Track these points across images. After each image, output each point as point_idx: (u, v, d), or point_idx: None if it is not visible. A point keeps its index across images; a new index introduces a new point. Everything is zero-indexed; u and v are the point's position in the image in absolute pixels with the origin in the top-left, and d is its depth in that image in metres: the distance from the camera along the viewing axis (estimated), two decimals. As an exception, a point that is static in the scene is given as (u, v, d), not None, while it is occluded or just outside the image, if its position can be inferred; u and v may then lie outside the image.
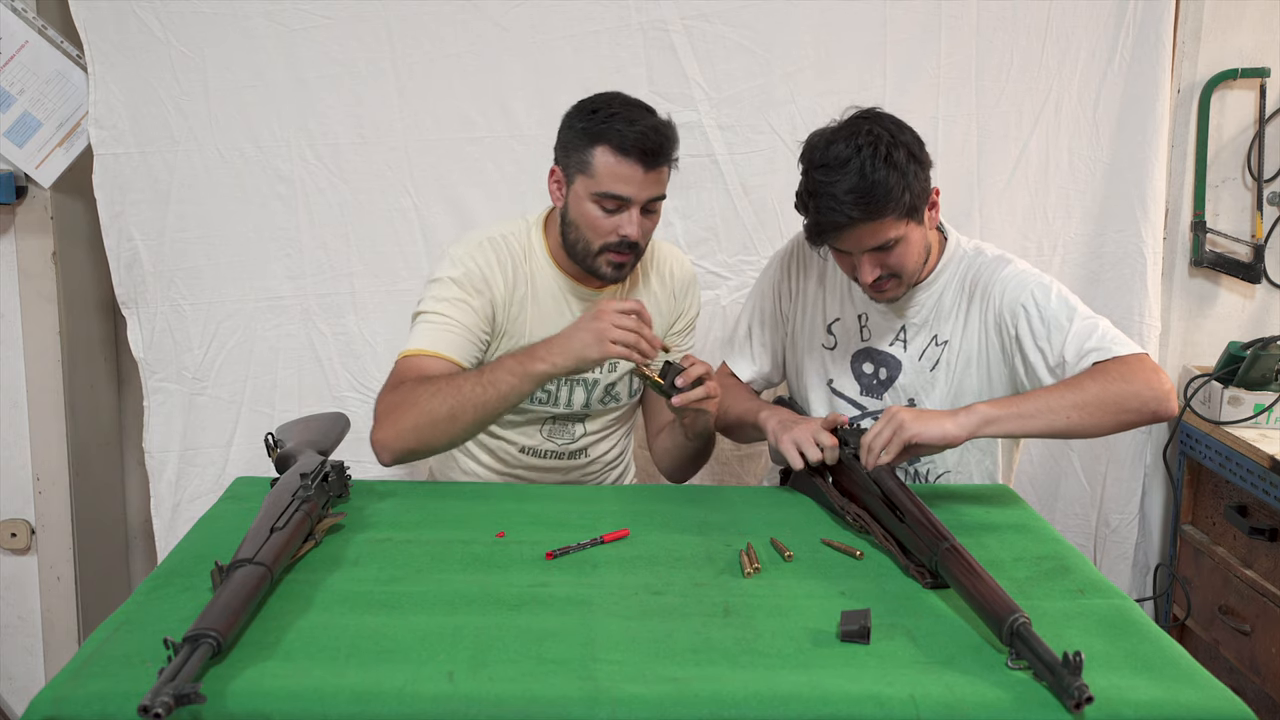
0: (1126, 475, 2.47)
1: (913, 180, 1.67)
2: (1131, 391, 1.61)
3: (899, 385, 1.87)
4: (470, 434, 1.73)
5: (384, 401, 1.71)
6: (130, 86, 2.25)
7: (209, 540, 1.47)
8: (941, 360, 1.84)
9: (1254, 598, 2.14)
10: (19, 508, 2.42)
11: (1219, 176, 2.45)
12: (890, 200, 1.65)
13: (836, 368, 1.92)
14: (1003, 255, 1.84)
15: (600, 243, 1.77)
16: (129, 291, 2.33)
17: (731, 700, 1.10)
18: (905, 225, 1.70)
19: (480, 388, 1.67)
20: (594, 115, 1.74)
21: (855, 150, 1.65)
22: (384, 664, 1.15)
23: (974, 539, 1.49)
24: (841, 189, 1.64)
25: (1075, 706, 1.08)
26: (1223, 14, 2.38)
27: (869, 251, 1.71)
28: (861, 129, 1.67)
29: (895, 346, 1.87)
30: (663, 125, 1.75)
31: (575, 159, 1.76)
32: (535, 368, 1.67)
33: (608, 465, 2.02)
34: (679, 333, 2.00)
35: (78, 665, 1.14)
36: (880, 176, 1.63)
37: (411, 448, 1.69)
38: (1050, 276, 1.80)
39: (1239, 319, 2.50)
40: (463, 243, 1.86)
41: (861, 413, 1.90)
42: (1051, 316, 1.72)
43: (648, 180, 1.73)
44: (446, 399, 1.66)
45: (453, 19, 2.28)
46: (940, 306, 1.85)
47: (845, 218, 1.65)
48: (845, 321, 1.91)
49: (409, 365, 1.75)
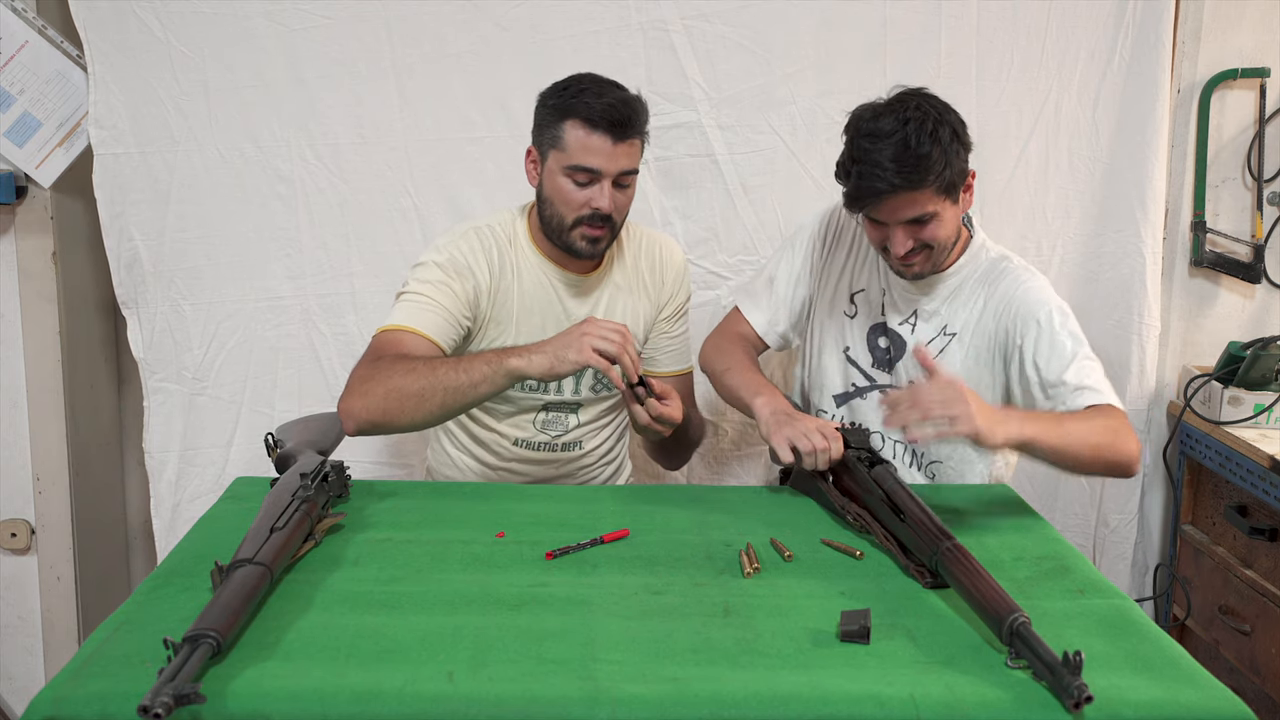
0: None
1: (954, 158, 1.71)
2: (1124, 450, 1.66)
3: (901, 366, 1.89)
4: (437, 417, 1.71)
5: (357, 373, 1.72)
6: (130, 86, 2.25)
7: (209, 540, 1.47)
8: (946, 351, 1.85)
9: (1254, 598, 2.14)
10: (19, 508, 2.42)
11: (1219, 176, 2.45)
12: (931, 172, 1.67)
13: (854, 337, 1.94)
14: (1030, 268, 1.86)
15: (573, 216, 1.79)
16: (129, 291, 2.33)
17: (731, 700, 1.11)
18: (942, 202, 1.72)
19: (454, 372, 1.68)
20: (564, 92, 1.78)
21: (902, 123, 1.67)
22: (384, 664, 1.16)
23: (974, 539, 1.48)
24: (885, 156, 1.66)
25: (1074, 706, 1.09)
26: (1223, 14, 2.38)
27: (903, 224, 1.73)
28: (910, 103, 1.71)
29: (904, 327, 1.89)
30: (631, 98, 1.78)
31: (547, 135, 1.79)
32: (510, 361, 1.67)
33: (602, 459, 2.02)
34: (668, 319, 2.01)
35: (78, 665, 1.14)
36: (925, 149, 1.67)
37: (376, 420, 1.68)
38: (1066, 305, 1.81)
39: (1239, 319, 2.50)
40: (448, 233, 1.89)
41: (871, 383, 1.92)
42: (1060, 340, 1.75)
43: (617, 152, 1.75)
44: (419, 378, 1.67)
45: (453, 19, 2.28)
46: (956, 299, 1.86)
47: (887, 185, 1.67)
48: (869, 293, 1.93)
49: (386, 340, 1.76)
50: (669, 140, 2.34)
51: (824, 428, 1.70)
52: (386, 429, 1.72)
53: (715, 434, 2.48)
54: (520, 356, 1.67)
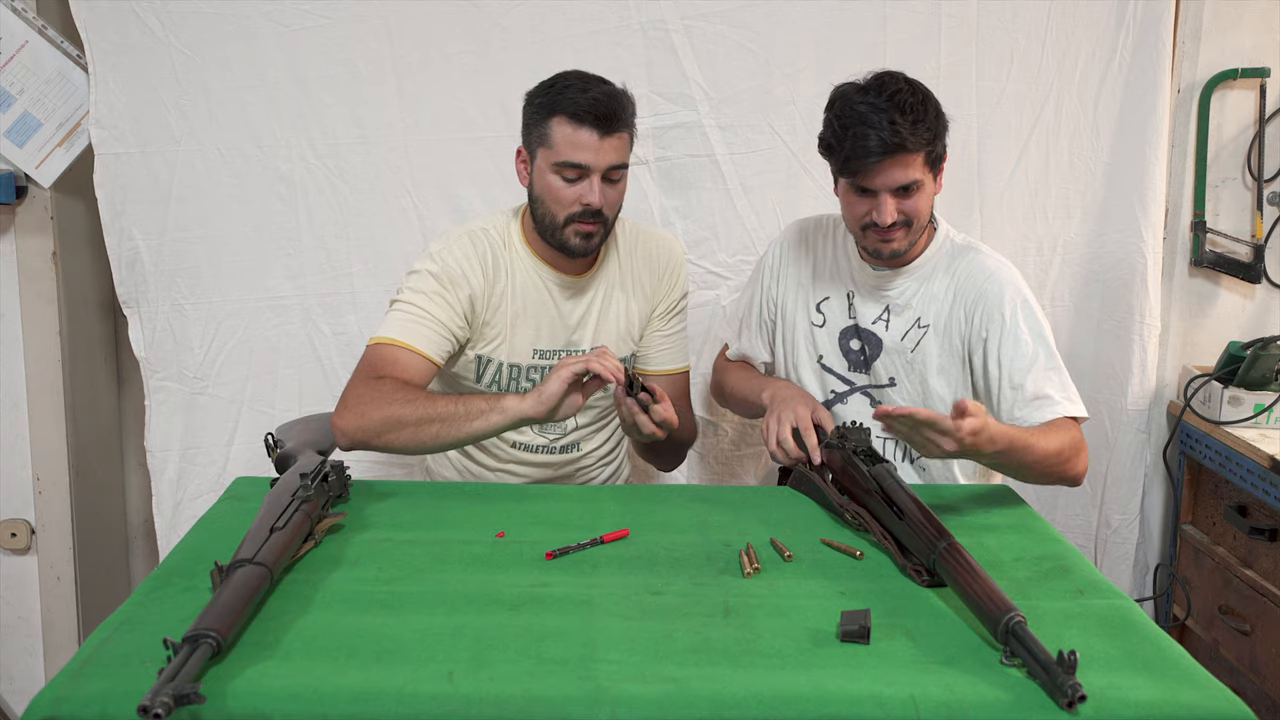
0: (1126, 475, 2.47)
1: (941, 130, 1.75)
2: (1071, 467, 1.72)
3: (879, 365, 1.90)
4: (427, 449, 1.74)
5: (355, 390, 1.72)
6: (131, 86, 2.25)
7: (209, 540, 1.47)
8: (921, 344, 1.86)
9: (1254, 598, 2.14)
10: (19, 508, 2.42)
11: (1219, 176, 2.45)
12: (925, 132, 1.71)
13: (826, 345, 1.95)
14: (997, 256, 1.88)
15: (565, 214, 1.79)
16: (130, 291, 2.33)
17: (731, 700, 1.11)
18: (927, 173, 1.76)
19: (453, 405, 1.69)
20: (550, 89, 1.79)
21: (894, 91, 1.71)
22: (384, 664, 1.16)
23: (974, 539, 1.49)
24: (884, 117, 1.68)
25: (1068, 705, 1.09)
26: (1223, 14, 2.38)
27: (892, 192, 1.74)
28: (896, 77, 1.74)
29: (878, 325, 1.90)
30: (617, 92, 1.78)
31: (535, 134, 1.80)
32: (509, 402, 1.68)
33: (601, 461, 2.02)
34: (663, 315, 2.00)
35: (78, 665, 1.14)
36: (920, 114, 1.70)
37: (370, 443, 1.71)
38: (1033, 296, 1.84)
39: (1239, 319, 2.50)
40: (443, 238, 1.89)
41: (850, 386, 1.93)
42: (1024, 339, 1.78)
43: (605, 147, 1.75)
44: (418, 408, 1.68)
45: (453, 19, 2.28)
46: (926, 291, 1.87)
47: (882, 144, 1.68)
48: (834, 300, 1.95)
49: (379, 355, 1.77)
50: (669, 140, 2.34)
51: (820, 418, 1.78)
52: (378, 449, 1.74)
53: (715, 434, 2.48)
54: (520, 399, 1.68)
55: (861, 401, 1.93)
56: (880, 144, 1.68)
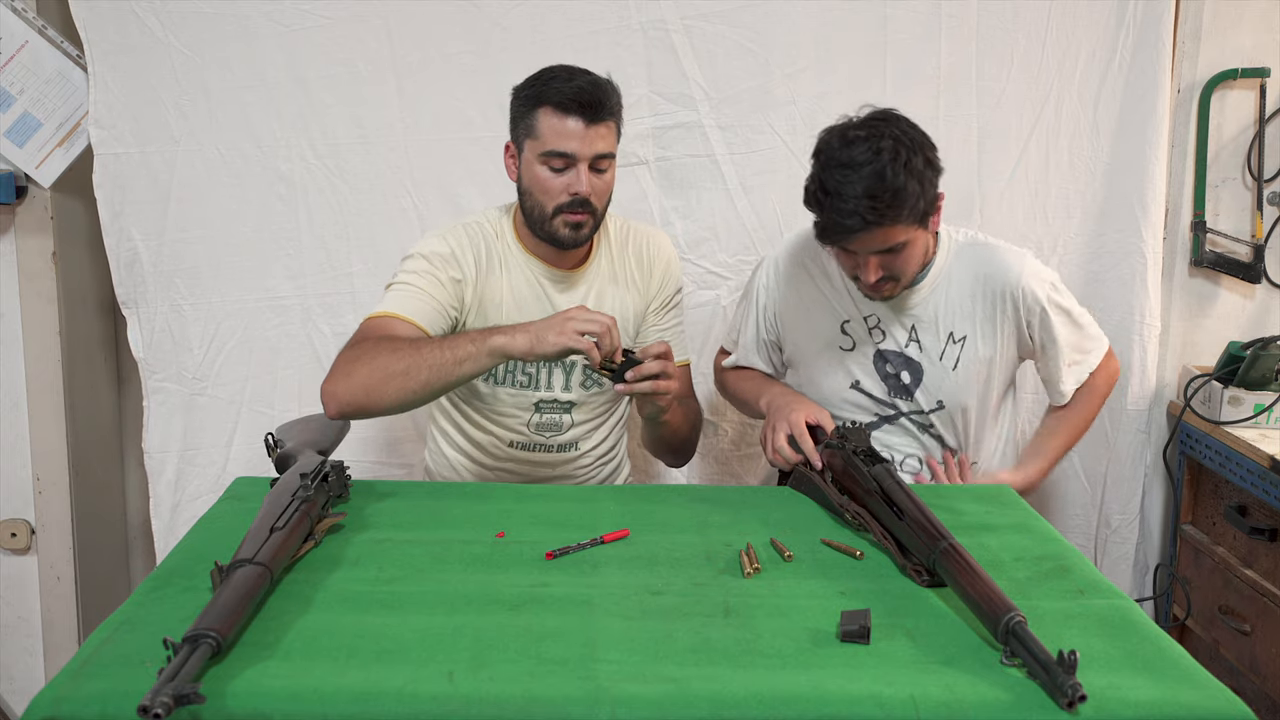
0: (1126, 475, 2.47)
1: (927, 186, 1.69)
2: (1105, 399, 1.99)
3: (926, 387, 1.89)
4: (421, 396, 1.69)
5: (342, 356, 1.72)
6: (130, 86, 2.25)
7: (209, 540, 1.47)
8: (963, 359, 1.85)
9: (1254, 598, 2.14)
10: (19, 508, 2.42)
11: (1219, 176, 2.45)
12: (906, 207, 1.66)
13: (860, 369, 1.92)
14: (1004, 245, 1.89)
15: (553, 204, 1.79)
16: (129, 291, 2.33)
17: (731, 700, 1.11)
18: (914, 230, 1.72)
19: (438, 350, 1.67)
20: (535, 82, 1.80)
21: (875, 154, 1.64)
22: (384, 664, 1.16)
23: (974, 539, 1.49)
24: (859, 190, 1.64)
25: (1068, 705, 1.09)
26: (1223, 14, 2.38)
27: (876, 253, 1.72)
28: (884, 132, 1.67)
29: (911, 348, 1.89)
30: (602, 81, 1.79)
31: (522, 126, 1.81)
32: (493, 339, 1.66)
33: (600, 459, 2.02)
34: (657, 310, 2.01)
35: (78, 665, 1.14)
36: (899, 184, 1.64)
37: (360, 402, 1.67)
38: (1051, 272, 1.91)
39: (1239, 319, 2.50)
40: (437, 229, 1.91)
41: (896, 412, 1.92)
42: (1057, 333, 1.87)
43: (590, 135, 1.76)
44: (403, 357, 1.66)
45: (453, 19, 2.28)
46: (950, 301, 1.86)
47: (860, 222, 1.65)
48: (854, 323, 1.92)
49: (372, 325, 1.76)
50: (669, 140, 2.34)
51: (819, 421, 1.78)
52: (369, 410, 1.70)
53: (715, 434, 2.48)
54: (503, 334, 1.66)
55: (907, 428, 1.93)
56: (858, 221, 1.65)
